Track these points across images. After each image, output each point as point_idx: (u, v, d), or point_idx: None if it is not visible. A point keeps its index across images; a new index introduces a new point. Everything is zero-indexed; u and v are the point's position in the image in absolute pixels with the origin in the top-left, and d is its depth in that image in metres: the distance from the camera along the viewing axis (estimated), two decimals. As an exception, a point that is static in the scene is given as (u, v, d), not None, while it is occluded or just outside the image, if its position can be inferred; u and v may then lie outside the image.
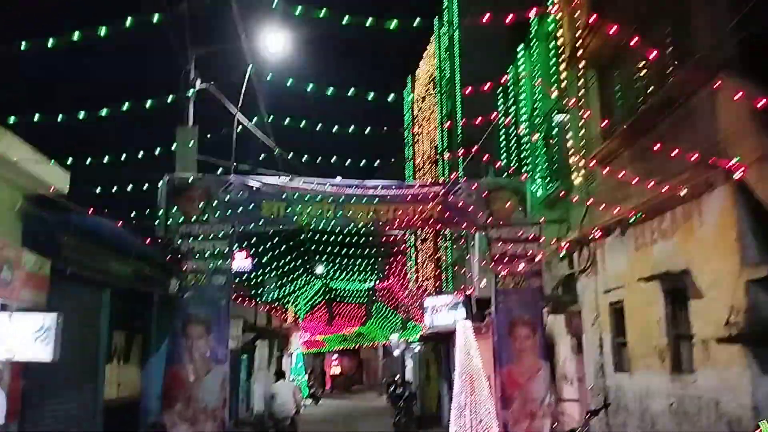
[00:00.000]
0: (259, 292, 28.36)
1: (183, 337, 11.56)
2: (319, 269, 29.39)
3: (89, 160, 9.39)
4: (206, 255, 11.84)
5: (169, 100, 9.63)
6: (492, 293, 12.27)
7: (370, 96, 10.19)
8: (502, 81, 13.74)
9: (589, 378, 11.32)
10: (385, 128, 12.93)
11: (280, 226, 12.36)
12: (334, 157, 11.90)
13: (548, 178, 12.83)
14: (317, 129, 11.39)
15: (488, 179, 13.01)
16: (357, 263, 25.57)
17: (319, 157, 12.06)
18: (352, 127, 11.25)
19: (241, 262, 27.99)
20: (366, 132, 11.55)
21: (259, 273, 25.78)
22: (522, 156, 13.88)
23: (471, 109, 19.76)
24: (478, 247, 14.53)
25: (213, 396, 11.46)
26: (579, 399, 11.93)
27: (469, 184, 12.48)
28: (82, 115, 8.51)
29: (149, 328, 14.05)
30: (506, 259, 12.16)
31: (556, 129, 12.19)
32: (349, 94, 10.27)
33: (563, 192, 11.84)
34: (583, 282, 11.46)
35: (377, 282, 28.92)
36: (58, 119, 8.01)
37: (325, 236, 15.80)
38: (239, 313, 19.43)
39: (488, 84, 10.50)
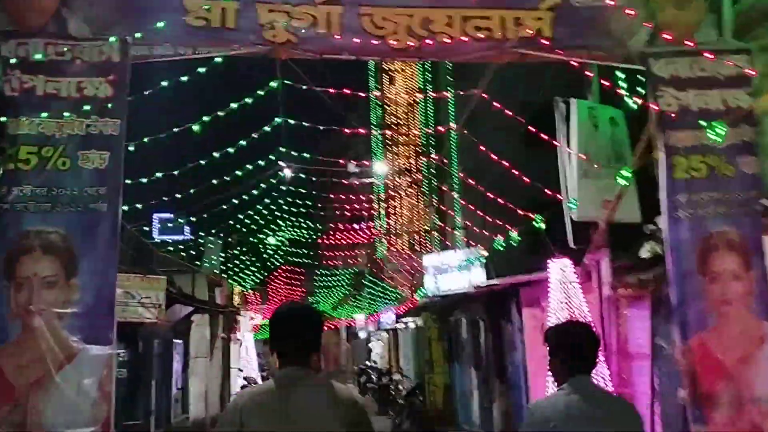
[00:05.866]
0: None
1: (9, 285, 5.15)
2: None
3: None
4: (65, 105, 5.42)
5: None
6: (662, 187, 6.10)
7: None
8: None
9: None
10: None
11: (222, 50, 5.86)
12: None
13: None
14: None
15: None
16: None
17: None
18: None
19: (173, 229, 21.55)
20: None
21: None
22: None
23: None
24: (578, 125, 8.32)
25: (82, 411, 5.11)
26: None
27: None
28: None
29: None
30: (687, 117, 6.04)
31: None
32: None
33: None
34: None
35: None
36: None
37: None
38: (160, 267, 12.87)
39: None
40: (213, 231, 17.51)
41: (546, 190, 8.14)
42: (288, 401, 3.17)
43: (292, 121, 7.82)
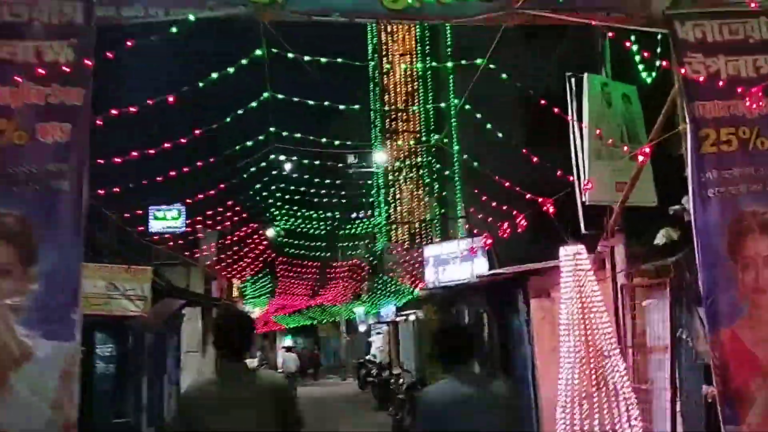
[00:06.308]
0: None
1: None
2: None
3: None
4: (22, 72, 4.85)
5: None
6: (689, 163, 5.52)
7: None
8: None
9: None
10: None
11: (198, 12, 5.24)
12: None
13: None
14: None
15: None
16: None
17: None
18: None
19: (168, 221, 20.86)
20: None
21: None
22: None
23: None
24: (589, 102, 7.73)
25: (41, 414, 4.56)
26: None
27: None
28: None
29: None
30: (717, 85, 5.45)
31: None
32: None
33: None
34: None
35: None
36: None
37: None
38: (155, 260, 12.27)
39: None
40: (207, 220, 16.81)
41: (555, 173, 7.55)
42: (224, 389, 3.97)
43: (280, 96, 7.21)
